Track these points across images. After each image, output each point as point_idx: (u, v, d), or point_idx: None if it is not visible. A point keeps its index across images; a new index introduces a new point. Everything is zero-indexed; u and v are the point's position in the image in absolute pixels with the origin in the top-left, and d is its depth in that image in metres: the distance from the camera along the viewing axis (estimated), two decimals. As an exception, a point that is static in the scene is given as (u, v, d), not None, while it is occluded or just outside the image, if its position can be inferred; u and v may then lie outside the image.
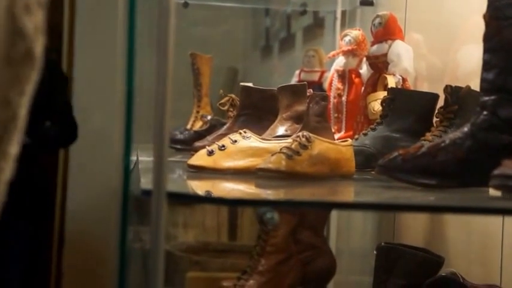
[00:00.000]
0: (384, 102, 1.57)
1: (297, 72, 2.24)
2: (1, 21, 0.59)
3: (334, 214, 2.26)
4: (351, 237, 2.43)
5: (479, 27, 1.16)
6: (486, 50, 1.14)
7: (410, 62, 1.75)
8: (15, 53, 0.60)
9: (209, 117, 2.09)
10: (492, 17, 1.12)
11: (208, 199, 1.10)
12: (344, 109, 1.91)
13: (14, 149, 0.62)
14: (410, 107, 1.54)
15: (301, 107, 1.53)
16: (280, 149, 1.29)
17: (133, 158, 1.33)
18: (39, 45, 0.62)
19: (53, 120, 2.63)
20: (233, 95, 1.81)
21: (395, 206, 1.14)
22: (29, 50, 0.61)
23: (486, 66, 1.14)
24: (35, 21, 0.61)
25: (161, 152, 0.87)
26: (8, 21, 0.59)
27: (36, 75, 0.63)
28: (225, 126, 1.69)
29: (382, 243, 1.57)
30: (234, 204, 1.69)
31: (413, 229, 1.92)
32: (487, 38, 1.14)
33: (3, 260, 2.56)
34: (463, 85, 1.42)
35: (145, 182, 0.95)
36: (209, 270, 2.25)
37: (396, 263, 1.51)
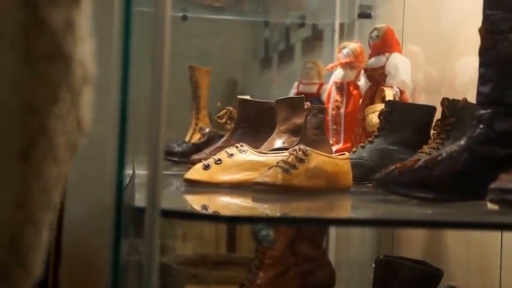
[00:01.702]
0: (381, 114, 1.57)
1: (296, 84, 2.24)
2: (14, 11, 0.50)
3: (333, 226, 2.25)
4: (350, 249, 2.43)
5: (476, 39, 1.16)
6: (482, 64, 1.14)
7: (407, 74, 1.76)
8: (37, 50, 0.51)
9: (207, 130, 2.09)
10: (487, 31, 1.13)
11: (204, 216, 1.09)
12: (342, 121, 1.91)
13: (53, 168, 0.53)
14: (407, 120, 1.54)
15: (298, 120, 1.53)
16: (277, 163, 1.29)
17: (130, 171, 1.32)
18: (75, 45, 0.53)
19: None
20: (231, 108, 1.81)
21: (393, 221, 1.14)
22: (56, 47, 0.51)
23: (482, 79, 1.14)
24: (65, 15, 0.52)
25: (155, 169, 0.86)
26: (26, 13, 0.50)
27: (78, 81, 0.53)
28: (222, 139, 1.69)
29: (381, 256, 1.56)
30: (230, 221, 1.69)
31: (413, 241, 1.92)
32: (483, 52, 1.14)
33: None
34: (461, 96, 1.42)
35: (140, 198, 0.95)
36: (207, 283, 2.23)
37: (395, 276, 1.50)
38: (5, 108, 0.51)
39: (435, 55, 1.86)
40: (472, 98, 1.25)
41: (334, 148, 1.76)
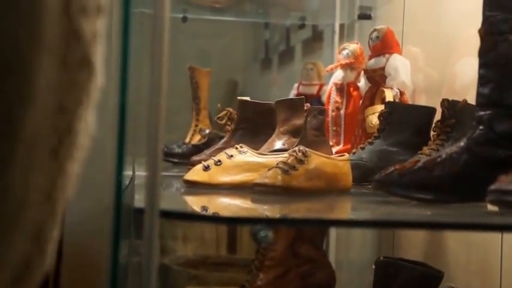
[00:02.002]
0: (381, 116, 1.57)
1: (296, 85, 2.24)
2: (56, 21, 0.55)
3: (333, 227, 2.25)
4: (350, 250, 2.43)
5: (476, 40, 1.16)
6: (481, 65, 1.14)
7: (407, 75, 1.76)
8: (71, 57, 0.57)
9: (207, 131, 2.09)
10: (487, 32, 1.13)
11: (203, 217, 1.09)
12: (342, 122, 1.91)
13: (73, 167, 0.58)
14: (407, 121, 1.54)
15: (298, 121, 1.53)
16: (277, 164, 1.29)
17: (130, 172, 1.32)
18: (97, 54, 0.59)
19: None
20: (231, 109, 1.81)
21: (392, 223, 1.14)
22: (85, 56, 0.57)
23: (482, 80, 1.14)
24: (92, 26, 0.58)
25: (154, 170, 0.87)
26: (64, 22, 0.56)
27: (94, 86, 0.59)
28: (222, 140, 1.69)
29: (381, 258, 1.56)
30: (229, 222, 1.69)
31: (413, 242, 1.92)
32: (483, 53, 1.14)
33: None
34: (461, 98, 1.42)
35: (139, 199, 0.95)
36: (207, 285, 2.23)
37: (395, 278, 1.50)
38: (41, 107, 0.56)
39: (435, 56, 1.86)
40: (472, 99, 1.25)
41: (334, 149, 1.76)
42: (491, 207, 1.05)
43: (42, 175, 0.57)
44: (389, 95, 1.69)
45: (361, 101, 1.84)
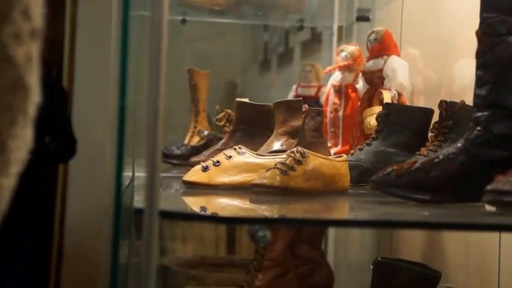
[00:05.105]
0: (379, 117, 1.57)
1: (294, 87, 2.25)
2: None
3: (331, 228, 2.26)
4: (348, 250, 2.43)
5: (473, 41, 1.17)
6: (479, 66, 1.15)
7: (405, 77, 1.76)
8: (4, 81, 0.59)
9: (206, 133, 2.10)
10: (484, 34, 1.13)
11: (202, 217, 1.10)
12: (341, 124, 1.92)
13: (5, 181, 0.60)
14: (405, 122, 1.54)
15: (296, 122, 1.53)
16: (275, 165, 1.30)
17: (129, 173, 1.33)
18: (32, 76, 0.61)
19: (53, 136, 2.65)
20: (229, 110, 1.82)
21: (390, 223, 1.14)
22: (18, 80, 0.59)
23: (479, 82, 1.15)
24: (26, 51, 0.60)
25: (154, 171, 0.87)
26: None
27: (31, 106, 0.61)
28: (221, 142, 1.69)
29: (379, 258, 1.57)
30: (228, 222, 1.70)
31: (411, 242, 1.92)
32: (480, 54, 1.15)
33: (5, 271, 2.58)
34: (458, 99, 1.42)
35: (138, 199, 0.95)
36: (206, 285, 2.24)
37: (393, 278, 1.51)
38: None
39: (433, 58, 1.86)
40: (469, 101, 1.26)
41: (332, 150, 1.77)
42: (488, 208, 1.06)
43: None
44: (387, 97, 1.70)
45: (359, 103, 1.85)
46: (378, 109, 1.68)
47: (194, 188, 1.34)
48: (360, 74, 1.88)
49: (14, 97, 0.59)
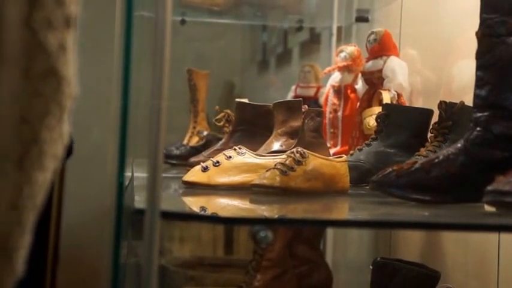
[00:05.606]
0: (378, 118, 1.58)
1: (293, 87, 2.25)
2: (17, 34, 0.56)
3: (330, 228, 2.26)
4: (347, 251, 2.43)
5: (473, 42, 1.17)
6: (478, 67, 1.15)
7: (405, 77, 1.77)
8: (34, 69, 0.57)
9: (205, 133, 2.10)
10: (484, 34, 1.14)
11: (202, 217, 1.10)
12: (340, 124, 1.92)
13: (40, 175, 0.58)
14: (404, 123, 1.54)
15: (296, 123, 1.54)
16: (275, 165, 1.30)
17: (129, 173, 1.33)
18: (66, 66, 0.59)
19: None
20: (229, 111, 1.82)
21: (389, 223, 1.15)
22: (50, 68, 0.58)
23: (479, 82, 1.15)
24: (59, 39, 0.58)
25: (155, 172, 0.87)
26: (26, 34, 0.56)
27: (66, 98, 0.59)
28: (220, 142, 1.69)
29: (378, 258, 1.57)
30: (228, 223, 1.70)
31: (410, 243, 1.92)
32: (480, 55, 1.15)
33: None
34: (458, 99, 1.43)
35: (139, 200, 0.95)
36: (204, 286, 2.24)
37: (392, 278, 1.51)
38: (3, 118, 0.57)
39: (432, 58, 1.87)
40: (469, 101, 1.26)
41: (331, 151, 1.77)
42: (488, 208, 1.06)
43: (7, 185, 0.57)
44: (386, 97, 1.70)
45: (358, 103, 1.85)
46: (377, 110, 1.68)
47: (194, 188, 1.34)
48: (359, 75, 1.88)
49: (46, 85, 0.57)
